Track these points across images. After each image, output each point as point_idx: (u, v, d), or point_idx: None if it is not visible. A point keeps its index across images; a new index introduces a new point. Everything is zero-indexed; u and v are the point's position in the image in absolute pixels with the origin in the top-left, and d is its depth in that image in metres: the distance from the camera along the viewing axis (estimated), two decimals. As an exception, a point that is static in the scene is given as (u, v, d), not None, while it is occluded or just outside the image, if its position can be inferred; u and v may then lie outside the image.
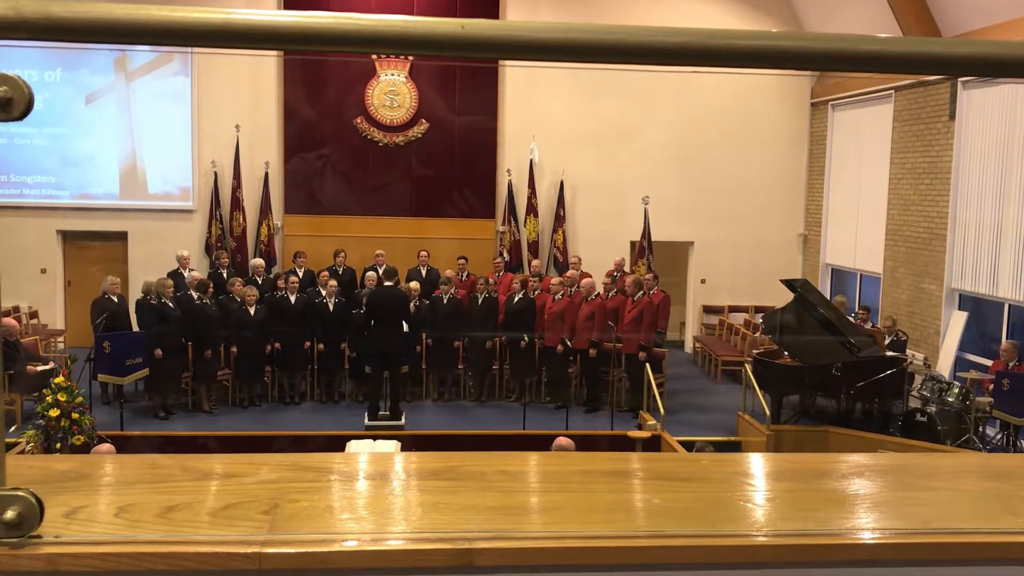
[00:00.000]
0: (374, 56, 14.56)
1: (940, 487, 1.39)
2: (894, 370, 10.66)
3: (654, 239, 14.39)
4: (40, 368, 10.75)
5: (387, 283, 10.84)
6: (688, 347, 15.93)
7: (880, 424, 10.79)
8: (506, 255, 14.70)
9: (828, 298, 13.01)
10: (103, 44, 0.89)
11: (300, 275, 12.67)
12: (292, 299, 11.89)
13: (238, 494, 1.24)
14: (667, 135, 15.29)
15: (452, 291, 12.25)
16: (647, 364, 10.95)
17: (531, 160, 15.01)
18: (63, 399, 7.60)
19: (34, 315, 14.28)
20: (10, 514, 1.04)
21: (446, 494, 1.27)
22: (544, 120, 15.11)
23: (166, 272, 12.37)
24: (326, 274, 12.60)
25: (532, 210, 15.10)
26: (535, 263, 14.12)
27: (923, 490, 1.38)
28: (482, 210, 15.34)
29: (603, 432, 10.23)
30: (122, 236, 14.83)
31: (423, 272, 13.26)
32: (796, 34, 1.01)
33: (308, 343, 11.83)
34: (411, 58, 14.75)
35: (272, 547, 1.07)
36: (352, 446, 7.91)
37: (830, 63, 1.03)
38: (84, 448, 7.47)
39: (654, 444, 9.41)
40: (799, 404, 11.57)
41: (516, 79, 15.14)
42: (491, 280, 12.64)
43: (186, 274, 12.50)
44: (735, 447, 10.27)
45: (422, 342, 11.97)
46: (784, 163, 15.81)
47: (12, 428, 9.49)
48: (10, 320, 11.36)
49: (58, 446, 7.48)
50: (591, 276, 12.70)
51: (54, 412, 7.54)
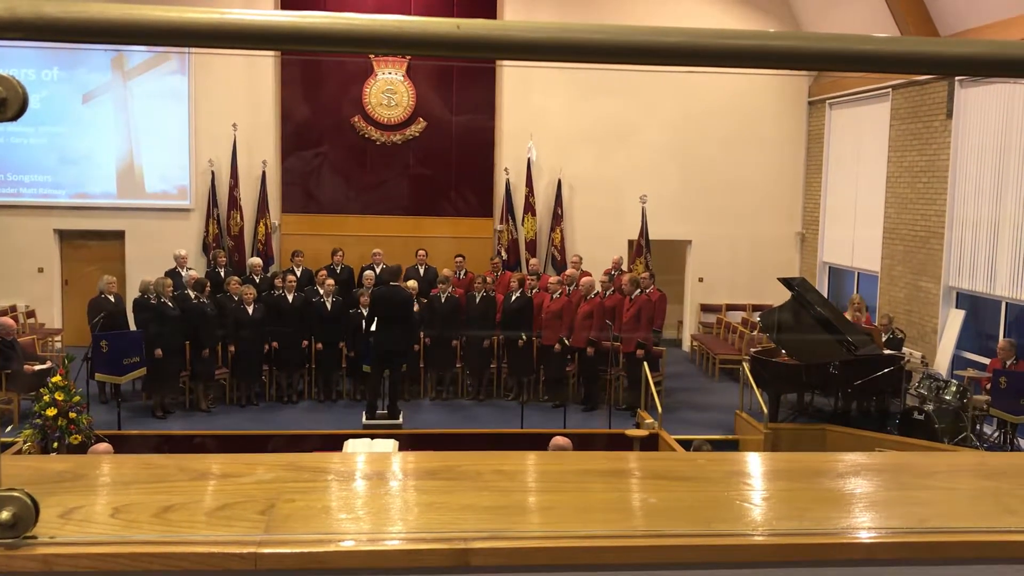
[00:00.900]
0: (371, 55, 14.55)
1: (936, 486, 1.40)
2: (892, 368, 10.67)
3: (652, 237, 14.40)
4: (37, 367, 10.75)
5: (393, 283, 10.81)
6: (686, 345, 15.94)
7: (878, 422, 10.79)
8: (504, 254, 14.69)
9: (826, 296, 13.03)
10: (98, 44, 0.89)
11: (298, 274, 12.67)
12: (290, 298, 11.88)
13: (234, 494, 1.24)
14: (665, 134, 15.29)
15: (450, 290, 12.24)
16: (645, 363, 10.96)
17: (529, 159, 15.00)
18: (60, 398, 7.59)
19: (31, 314, 14.27)
20: (5, 515, 1.04)
21: (443, 494, 1.27)
22: (542, 119, 15.10)
23: (164, 271, 12.35)
24: (324, 273, 12.59)
25: (530, 209, 15.10)
26: (533, 262, 14.11)
27: (919, 489, 1.38)
28: (480, 209, 15.34)
29: (601, 431, 10.22)
30: (119, 235, 14.81)
31: (421, 271, 13.25)
32: (792, 34, 1.01)
33: (306, 342, 11.82)
34: (409, 57, 14.73)
35: (268, 547, 1.07)
36: (350, 445, 7.91)
37: (826, 63, 1.03)
38: (81, 447, 7.46)
39: (652, 443, 9.40)
40: (797, 402, 11.58)
41: (514, 78, 15.13)
42: (489, 279, 12.63)
43: (184, 273, 12.48)
44: (733, 445, 10.27)
45: (420, 341, 11.96)
46: (782, 162, 15.81)
47: (9, 428, 9.49)
48: (7, 319, 11.33)
49: (55, 445, 7.47)
50: (591, 275, 12.69)
51: (51, 411, 7.53)
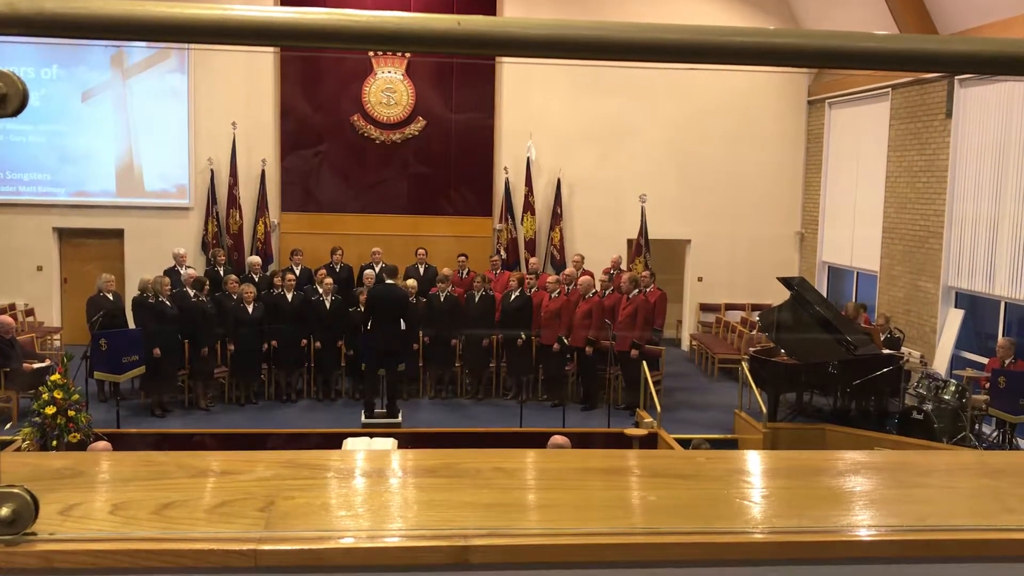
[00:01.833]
0: (371, 53, 14.54)
1: (935, 485, 1.40)
2: (890, 368, 10.67)
3: (651, 237, 14.40)
4: (36, 366, 10.75)
5: (388, 281, 10.82)
6: (685, 345, 15.94)
7: (877, 422, 10.78)
8: (503, 253, 14.69)
9: (825, 296, 13.03)
10: (97, 40, 0.89)
11: (297, 273, 12.66)
12: (289, 297, 11.88)
13: (234, 491, 1.24)
14: (665, 133, 15.29)
15: (449, 289, 12.23)
16: (644, 362, 10.95)
17: (528, 158, 14.99)
18: (59, 397, 7.58)
19: (30, 313, 14.27)
20: (5, 511, 1.04)
21: (442, 491, 1.27)
22: (541, 118, 15.09)
23: (163, 270, 12.35)
24: (323, 272, 12.59)
25: (529, 208, 15.10)
26: (532, 261, 14.11)
27: (918, 487, 1.38)
28: (479, 208, 15.33)
29: (600, 430, 10.22)
30: (118, 234, 14.80)
31: (421, 270, 13.25)
32: (791, 31, 1.01)
33: (305, 341, 11.80)
34: (408, 55, 14.73)
35: (268, 544, 1.07)
36: (349, 444, 7.90)
37: (826, 60, 1.03)
38: (80, 446, 7.45)
39: (651, 442, 9.40)
40: (796, 402, 11.58)
41: (513, 77, 15.13)
42: (488, 278, 12.62)
43: (183, 272, 12.46)
44: (732, 445, 10.27)
45: (419, 340, 11.96)
46: (781, 161, 15.81)
47: (8, 425, 9.48)
48: (6, 318, 11.33)
49: (54, 444, 7.47)
50: (592, 274, 12.69)
51: (50, 410, 7.53)
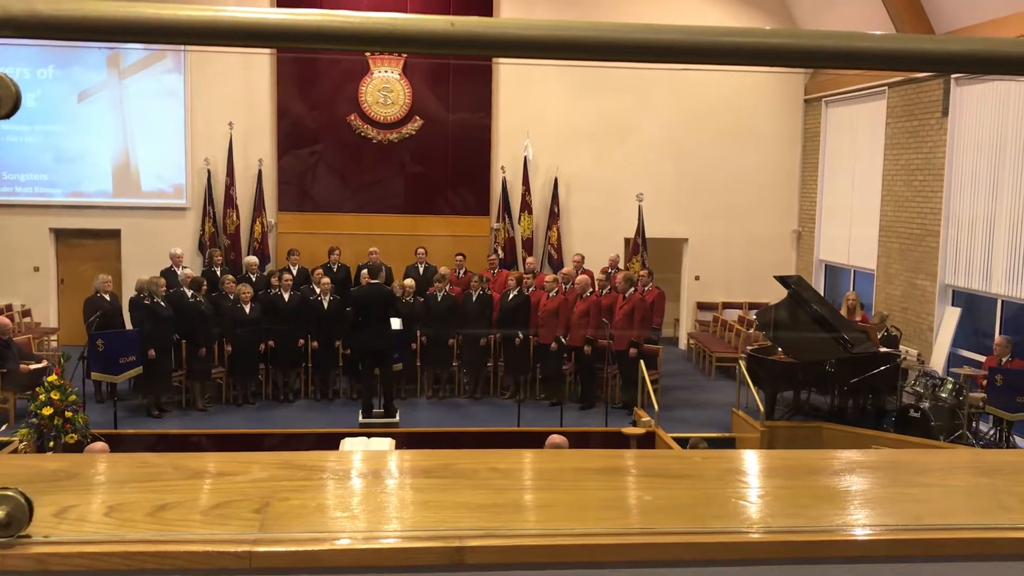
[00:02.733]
0: (367, 53, 14.53)
1: (932, 483, 1.40)
2: (888, 366, 10.68)
3: (648, 236, 14.41)
4: (33, 366, 10.73)
5: (373, 280, 10.82)
6: (682, 343, 15.95)
7: (874, 420, 10.80)
8: (500, 252, 14.69)
9: (822, 294, 13.05)
10: (92, 42, 0.88)
11: (294, 273, 12.65)
12: (286, 297, 11.87)
13: (229, 493, 1.24)
14: (661, 132, 15.30)
15: (447, 288, 12.22)
16: (641, 361, 10.96)
17: (525, 157, 14.99)
18: (56, 397, 7.57)
19: (27, 313, 14.24)
20: (-1, 514, 1.04)
21: (438, 492, 1.27)
22: (538, 117, 15.09)
23: (159, 270, 12.33)
24: (320, 271, 12.58)
25: (526, 207, 15.10)
26: (530, 260, 14.11)
27: (915, 486, 1.38)
28: (476, 207, 15.33)
29: (598, 429, 10.22)
30: (115, 234, 14.79)
31: (420, 269, 13.24)
32: (787, 31, 1.01)
33: (302, 341, 11.80)
34: (405, 55, 14.72)
35: (263, 546, 1.07)
36: (346, 444, 7.90)
37: (822, 60, 1.03)
38: (78, 447, 7.45)
39: (648, 441, 9.40)
40: (793, 400, 11.59)
41: (510, 76, 15.12)
42: (485, 277, 12.62)
43: (179, 272, 12.45)
44: (729, 443, 10.28)
45: (417, 339, 11.95)
46: (778, 160, 15.82)
47: (4, 427, 9.47)
48: (3, 318, 11.31)
49: (51, 445, 7.46)
50: (591, 273, 12.69)
51: (47, 411, 7.52)
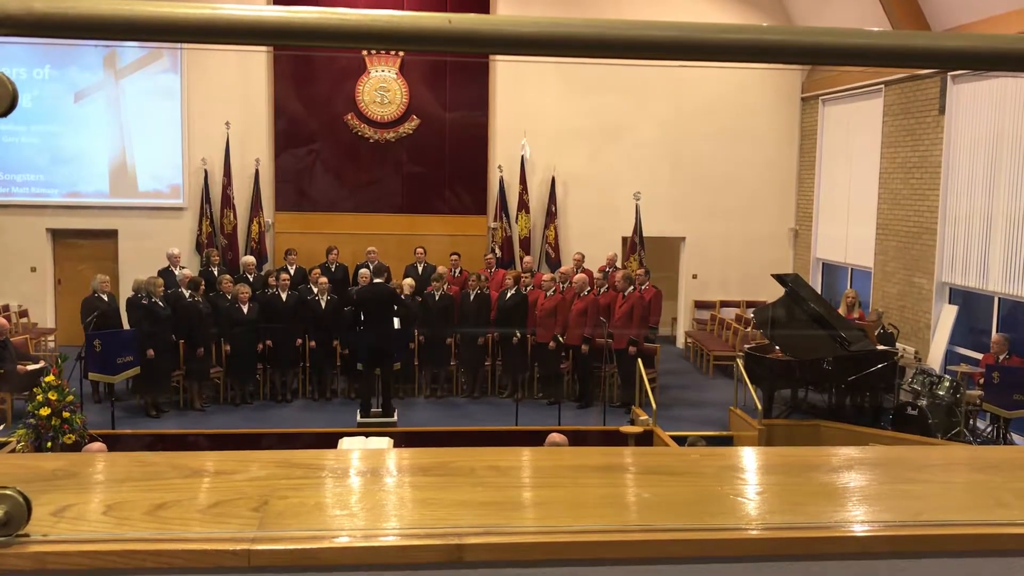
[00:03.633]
0: (364, 52, 14.51)
1: (930, 480, 1.40)
2: (885, 364, 10.70)
3: (646, 235, 14.41)
4: (30, 367, 10.71)
5: (376, 280, 10.82)
6: (680, 342, 15.96)
7: (871, 418, 10.81)
8: (498, 251, 14.69)
9: (819, 292, 13.05)
10: (87, 40, 0.88)
11: (291, 272, 12.64)
12: (283, 297, 11.86)
13: (227, 491, 1.24)
14: (658, 130, 15.29)
15: (444, 287, 12.22)
16: (639, 360, 10.97)
17: (522, 156, 14.99)
18: (54, 398, 7.57)
19: (24, 314, 14.21)
20: (-3, 513, 1.04)
21: (436, 490, 1.27)
22: (535, 116, 15.08)
23: (157, 270, 12.32)
24: (317, 271, 12.57)
25: (524, 206, 15.10)
26: (527, 259, 14.12)
27: (913, 483, 1.38)
28: (474, 206, 15.32)
29: (596, 428, 10.23)
30: (112, 234, 14.77)
31: (419, 269, 13.23)
32: (784, 28, 1.01)
33: (300, 341, 11.79)
34: (401, 54, 14.72)
35: (261, 544, 1.07)
36: (344, 443, 7.90)
37: (819, 57, 1.03)
38: (75, 447, 7.44)
39: (646, 439, 9.41)
40: (791, 398, 11.60)
41: (507, 75, 15.12)
42: (483, 276, 12.62)
43: (177, 272, 12.44)
44: (727, 442, 10.28)
45: (415, 339, 11.95)
46: (775, 158, 15.83)
47: (1, 427, 9.46)
48: (0, 319, 11.30)
49: (49, 445, 7.45)
50: (590, 272, 12.68)
51: (45, 411, 7.51)
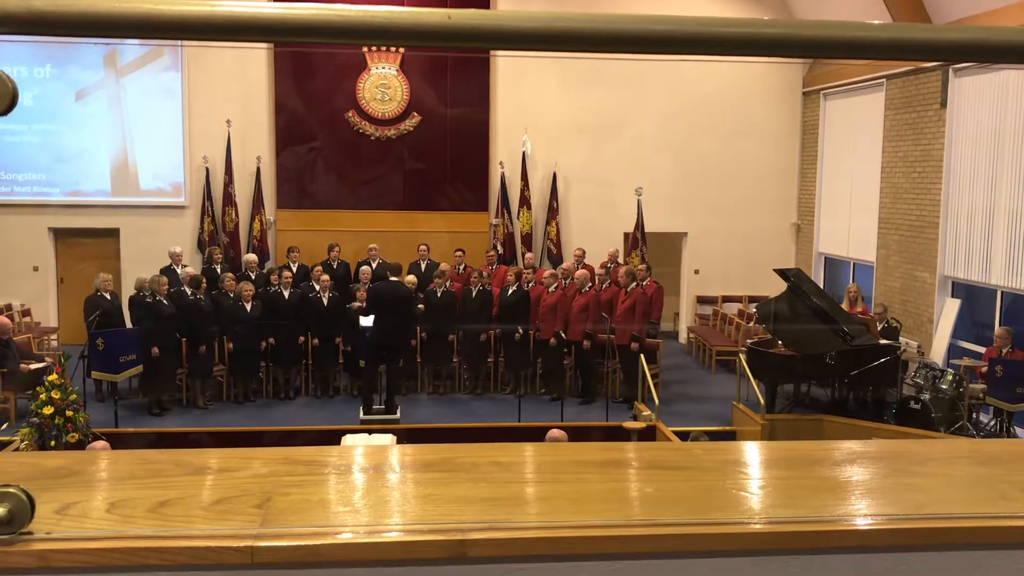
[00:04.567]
0: (364, 49, 14.51)
1: (932, 473, 1.40)
2: (888, 358, 10.69)
3: (647, 230, 14.40)
4: (34, 366, 10.73)
5: (392, 278, 10.76)
6: (682, 337, 15.95)
7: (874, 412, 10.81)
8: (500, 248, 14.69)
9: (822, 287, 13.04)
10: (87, 38, 0.88)
11: (294, 270, 12.65)
12: (286, 294, 11.87)
13: (230, 488, 1.24)
14: (659, 125, 15.28)
15: (447, 284, 12.23)
16: (641, 355, 10.97)
17: (524, 152, 14.98)
18: (57, 397, 7.59)
19: (27, 313, 14.23)
20: (0, 511, 1.04)
21: (439, 486, 1.27)
22: (536, 112, 15.07)
23: (159, 268, 12.33)
24: (319, 268, 12.57)
25: (525, 202, 15.09)
26: (529, 256, 14.12)
27: (915, 476, 1.38)
28: (475, 203, 15.31)
29: (598, 423, 10.24)
30: (114, 233, 14.78)
31: (422, 266, 13.22)
32: (784, 21, 1.01)
33: (302, 338, 11.80)
34: (402, 51, 14.70)
35: (264, 540, 1.07)
36: (348, 440, 7.91)
37: (819, 50, 1.03)
38: (79, 446, 7.46)
39: (649, 435, 9.42)
40: (793, 393, 11.60)
41: (507, 71, 15.10)
42: (485, 273, 12.62)
43: (179, 270, 12.46)
44: (730, 437, 10.28)
45: (417, 336, 11.95)
46: (777, 152, 15.81)
47: (5, 426, 9.48)
48: (3, 318, 11.31)
49: (52, 444, 7.47)
50: (591, 268, 12.67)
51: (48, 410, 7.53)
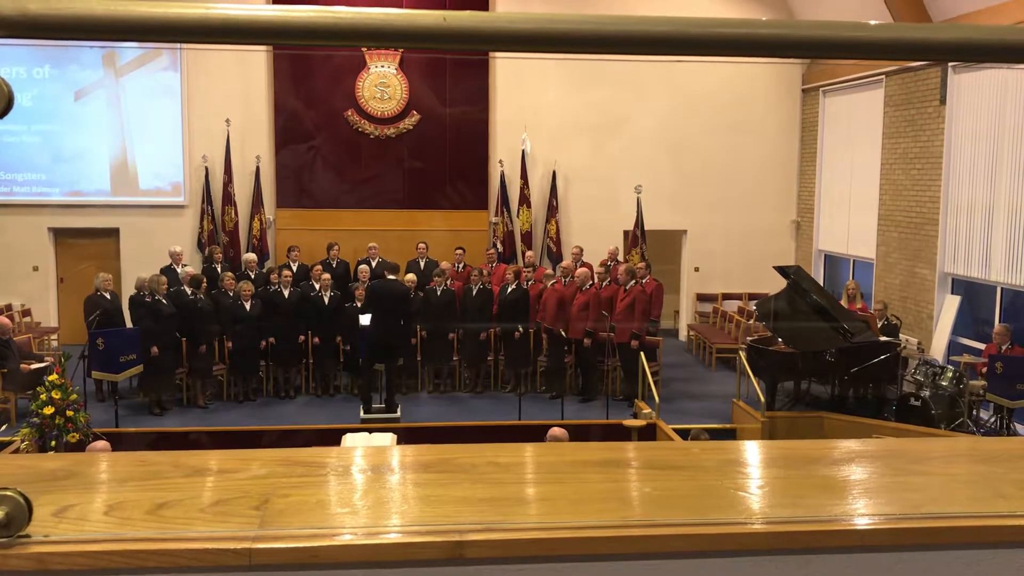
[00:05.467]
0: (364, 48, 14.50)
1: (931, 472, 1.40)
2: (888, 355, 10.69)
3: (647, 228, 14.39)
4: (34, 366, 10.73)
5: (390, 277, 10.78)
6: (682, 335, 15.95)
7: (875, 409, 10.81)
8: (499, 246, 14.69)
9: (822, 284, 13.04)
10: (83, 41, 0.88)
11: (293, 269, 12.64)
12: (286, 293, 11.87)
13: (229, 490, 1.24)
14: (659, 123, 15.27)
15: (447, 282, 12.23)
16: (641, 353, 10.97)
17: (523, 150, 14.98)
18: (57, 397, 7.58)
19: (27, 313, 14.24)
20: (-1, 514, 1.04)
21: (437, 487, 1.27)
22: (536, 110, 15.07)
23: (159, 268, 12.34)
24: (319, 268, 12.57)
25: (525, 200, 15.09)
26: (529, 254, 14.12)
27: (914, 475, 1.38)
28: (475, 201, 15.31)
29: (599, 421, 10.23)
30: (114, 232, 14.78)
31: (421, 264, 13.22)
32: (782, 22, 1.01)
33: (302, 337, 11.80)
34: (401, 50, 14.69)
35: (262, 542, 1.07)
36: (348, 440, 7.91)
37: (818, 51, 1.03)
38: (79, 446, 7.46)
39: (649, 433, 9.42)
40: (794, 390, 11.60)
41: (507, 70, 15.10)
42: (485, 271, 12.62)
43: (179, 270, 12.46)
44: (730, 434, 10.29)
45: (417, 334, 11.95)
46: (776, 150, 15.81)
47: (5, 427, 9.48)
48: (3, 318, 11.31)
49: (53, 444, 7.47)
50: (590, 266, 12.67)
51: (48, 410, 7.53)
